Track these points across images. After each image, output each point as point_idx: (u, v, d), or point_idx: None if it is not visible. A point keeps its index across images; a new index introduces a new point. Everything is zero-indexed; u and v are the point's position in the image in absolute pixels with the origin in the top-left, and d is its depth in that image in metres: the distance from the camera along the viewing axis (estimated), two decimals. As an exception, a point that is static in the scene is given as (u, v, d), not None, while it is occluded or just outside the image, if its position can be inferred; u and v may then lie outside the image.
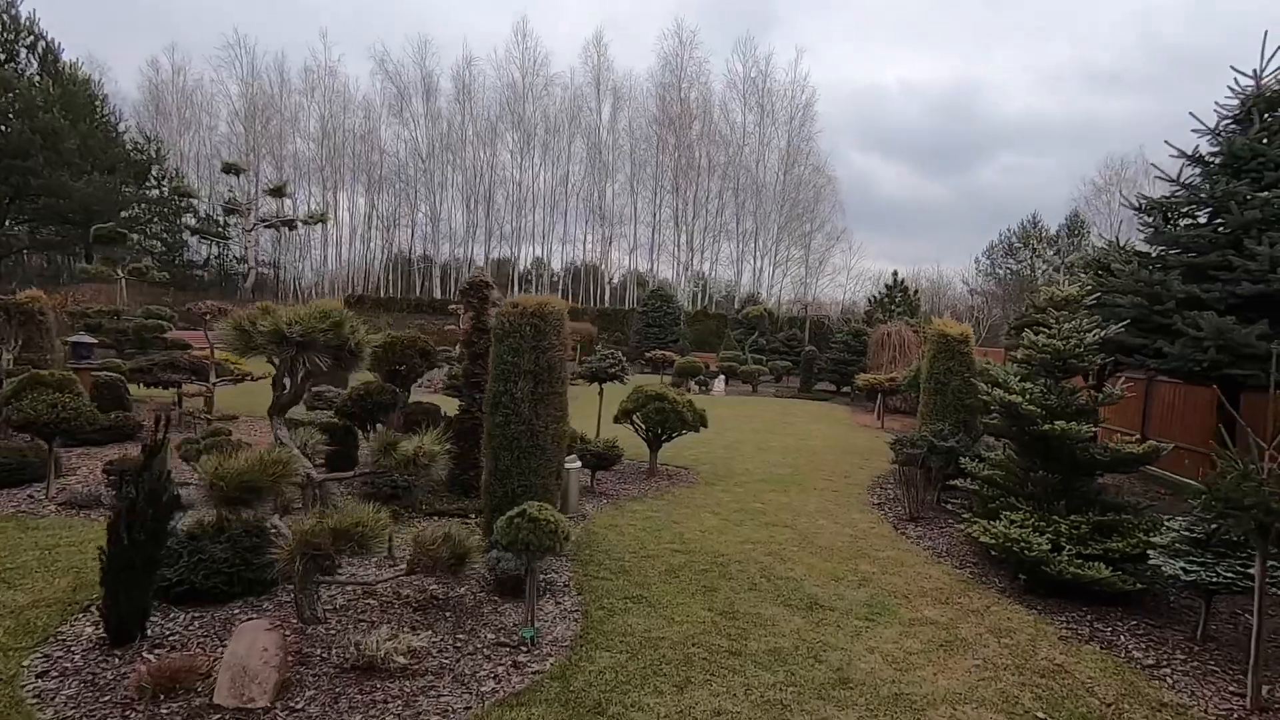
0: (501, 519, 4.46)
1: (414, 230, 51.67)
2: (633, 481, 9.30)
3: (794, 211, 45.85)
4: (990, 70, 69.37)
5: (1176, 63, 61.40)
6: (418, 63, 48.71)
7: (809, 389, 24.70)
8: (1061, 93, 67.41)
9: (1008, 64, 69.85)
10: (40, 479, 7.41)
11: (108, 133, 33.65)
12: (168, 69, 49.56)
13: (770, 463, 11.24)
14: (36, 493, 7.22)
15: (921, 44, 71.09)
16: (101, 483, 7.49)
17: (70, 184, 28.17)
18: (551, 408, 6.07)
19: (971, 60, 69.56)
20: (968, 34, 71.41)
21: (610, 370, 9.66)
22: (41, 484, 7.33)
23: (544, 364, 5.99)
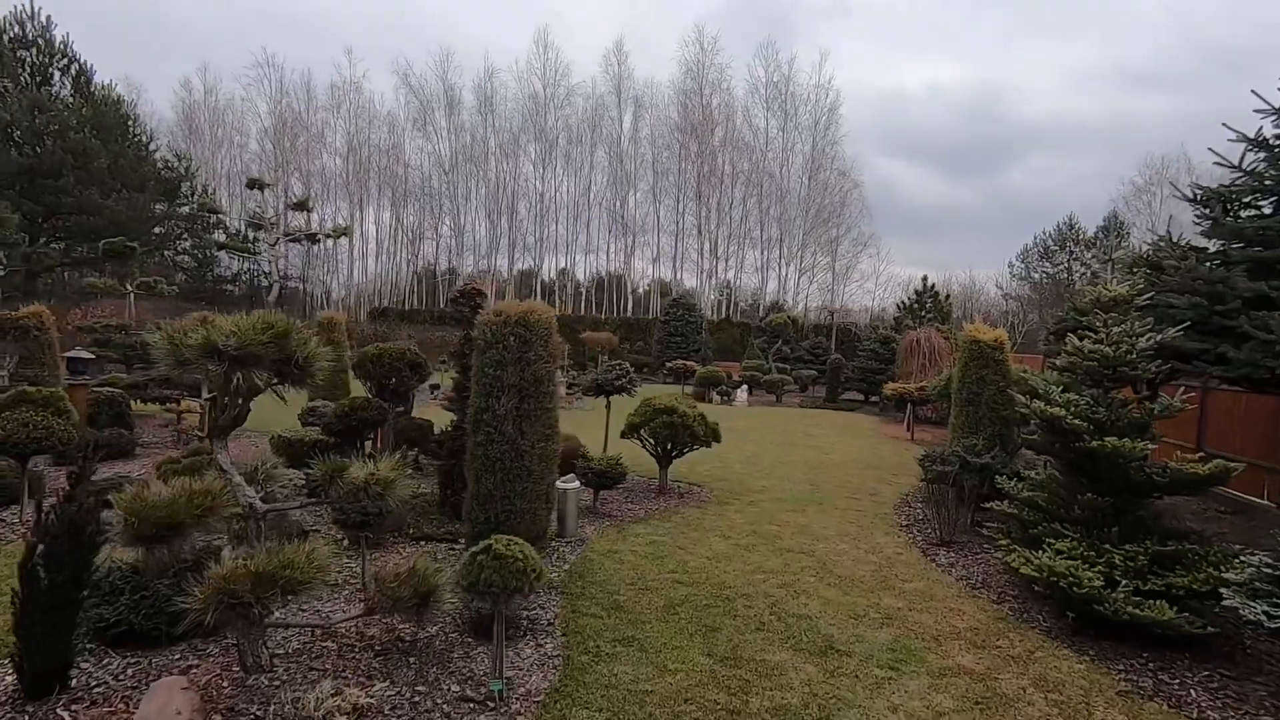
0: (465, 555, 3.94)
1: (438, 243, 52.02)
2: (640, 500, 8.72)
3: (819, 217, 44.95)
4: (1016, 71, 67.72)
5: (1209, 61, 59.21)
6: (440, 76, 49.12)
7: (835, 399, 23.86)
8: (1091, 93, 65.45)
9: (1034, 65, 68.11)
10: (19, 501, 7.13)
11: (139, 151, 34.30)
12: (199, 89, 50.77)
13: (790, 479, 10.57)
14: (10, 516, 6.91)
15: (944, 47, 69.64)
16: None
17: (100, 202, 28.67)
18: (539, 425, 5.55)
19: (996, 62, 67.92)
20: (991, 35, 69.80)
21: (617, 382, 9.12)
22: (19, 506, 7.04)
23: (529, 377, 5.48)
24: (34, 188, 27.87)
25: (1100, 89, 65.18)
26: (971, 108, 67.98)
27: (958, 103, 67.78)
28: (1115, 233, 54.42)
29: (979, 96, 67.81)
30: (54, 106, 29.24)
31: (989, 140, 69.08)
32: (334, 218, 49.43)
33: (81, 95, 31.60)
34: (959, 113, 68.32)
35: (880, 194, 66.06)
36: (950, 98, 67.58)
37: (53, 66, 31.01)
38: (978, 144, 69.37)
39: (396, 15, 65.13)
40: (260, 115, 50.58)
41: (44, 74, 30.62)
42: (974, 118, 68.09)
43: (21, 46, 30.22)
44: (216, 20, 62.29)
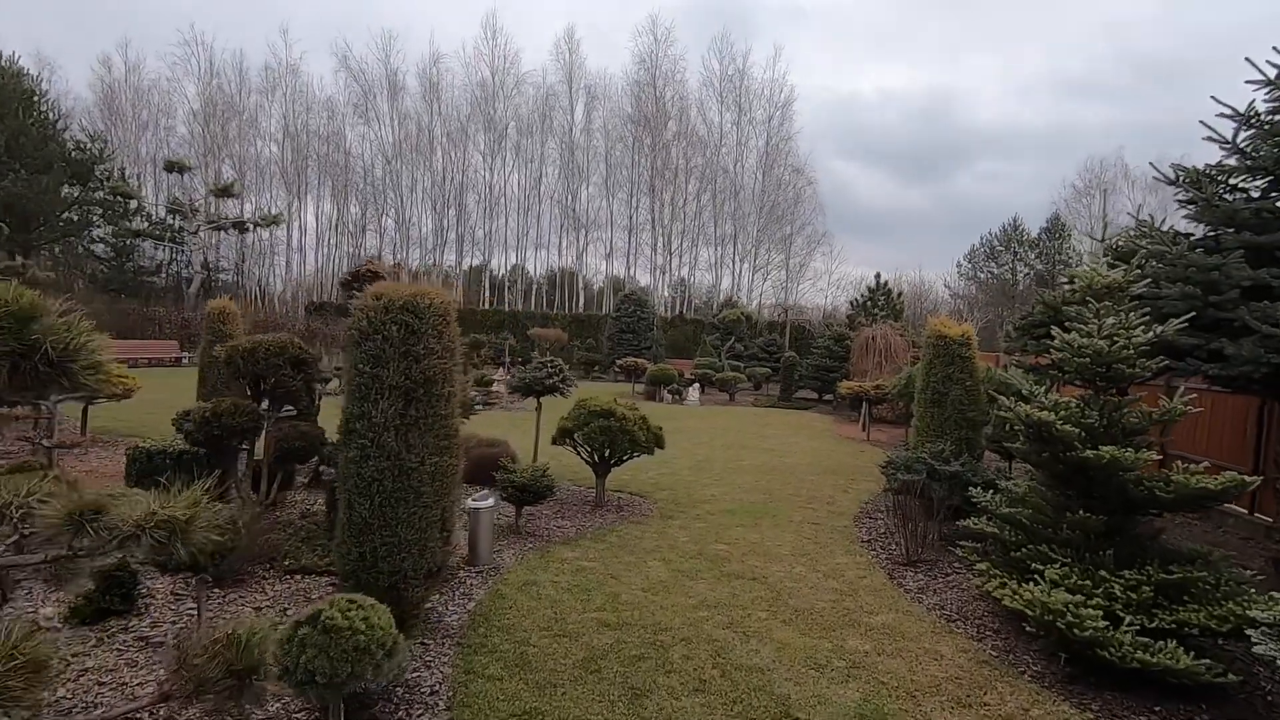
0: (284, 628, 2.86)
1: (381, 236, 49.82)
2: (572, 516, 7.68)
3: (774, 214, 44.56)
4: (963, 78, 69.04)
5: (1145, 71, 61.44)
6: (382, 60, 46.96)
7: (789, 397, 23.25)
8: (1034, 100, 67.32)
9: (980, 72, 69.57)
10: None
11: (44, 130, 31.49)
12: (120, 68, 47.36)
13: (741, 486, 9.68)
14: None
15: (896, 53, 70.52)
16: None
17: (-7, 182, 26.06)
18: (430, 435, 4.46)
19: (945, 69, 69.11)
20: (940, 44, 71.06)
21: (547, 381, 8.06)
22: None
23: (417, 376, 4.38)
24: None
25: (1042, 98, 67.04)
26: (923, 113, 68.98)
27: (910, 108, 68.69)
28: (1057, 235, 55.91)
29: (930, 102, 68.84)
30: (-59, 76, 26.43)
31: (940, 145, 70.27)
32: (271, 207, 46.80)
33: (-28, 65, 28.75)
34: (912, 117, 69.25)
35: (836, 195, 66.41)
36: (903, 103, 68.40)
37: (-59, 32, 28.06)
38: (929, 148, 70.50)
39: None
40: (188, 97, 47.50)
41: (-70, 40, 27.67)
42: (926, 122, 69.11)
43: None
44: (141, -6, 58.39)
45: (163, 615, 4.63)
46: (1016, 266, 60.48)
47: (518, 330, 34.70)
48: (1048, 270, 56.13)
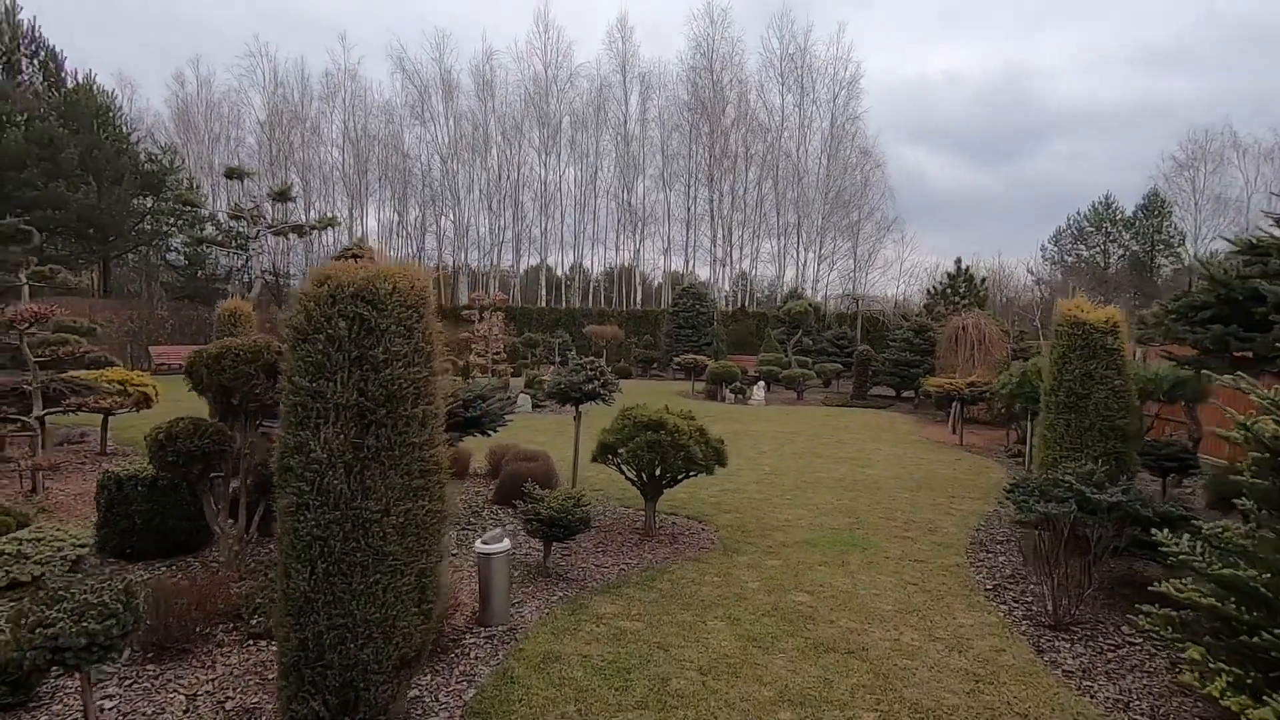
0: None
1: (440, 237, 49.94)
2: (615, 548, 6.35)
3: (840, 200, 42.13)
4: (1039, 55, 64.19)
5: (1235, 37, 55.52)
6: (436, 60, 46.89)
7: (864, 395, 21.31)
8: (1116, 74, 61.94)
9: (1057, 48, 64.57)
10: None
11: (118, 143, 32.51)
12: (193, 82, 49.03)
13: (820, 507, 8.14)
14: None
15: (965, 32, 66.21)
16: None
17: (67, 195, 26.83)
18: (398, 472, 3.21)
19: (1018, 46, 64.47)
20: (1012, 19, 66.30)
21: (586, 386, 6.76)
22: None
23: (376, 392, 3.13)
24: (-7, 182, 26.05)
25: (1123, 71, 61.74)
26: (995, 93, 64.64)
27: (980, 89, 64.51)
28: (1156, 213, 51.27)
29: (1002, 82, 64.45)
30: (18, 95, 27.41)
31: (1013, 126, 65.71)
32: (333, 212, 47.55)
33: (51, 83, 29.80)
34: (982, 99, 65.04)
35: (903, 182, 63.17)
36: (973, 84, 64.27)
37: (19, 53, 29.21)
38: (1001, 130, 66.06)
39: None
40: (255, 107, 48.81)
41: (9, 61, 28.82)
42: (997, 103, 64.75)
43: (-15, 32, 28.42)
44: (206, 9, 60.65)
45: (68, 709, 3.54)
46: (1109, 248, 55.88)
47: (574, 328, 33.75)
48: (1145, 251, 51.50)
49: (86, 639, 2.81)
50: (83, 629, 2.80)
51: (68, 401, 6.82)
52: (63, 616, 2.82)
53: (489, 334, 20.33)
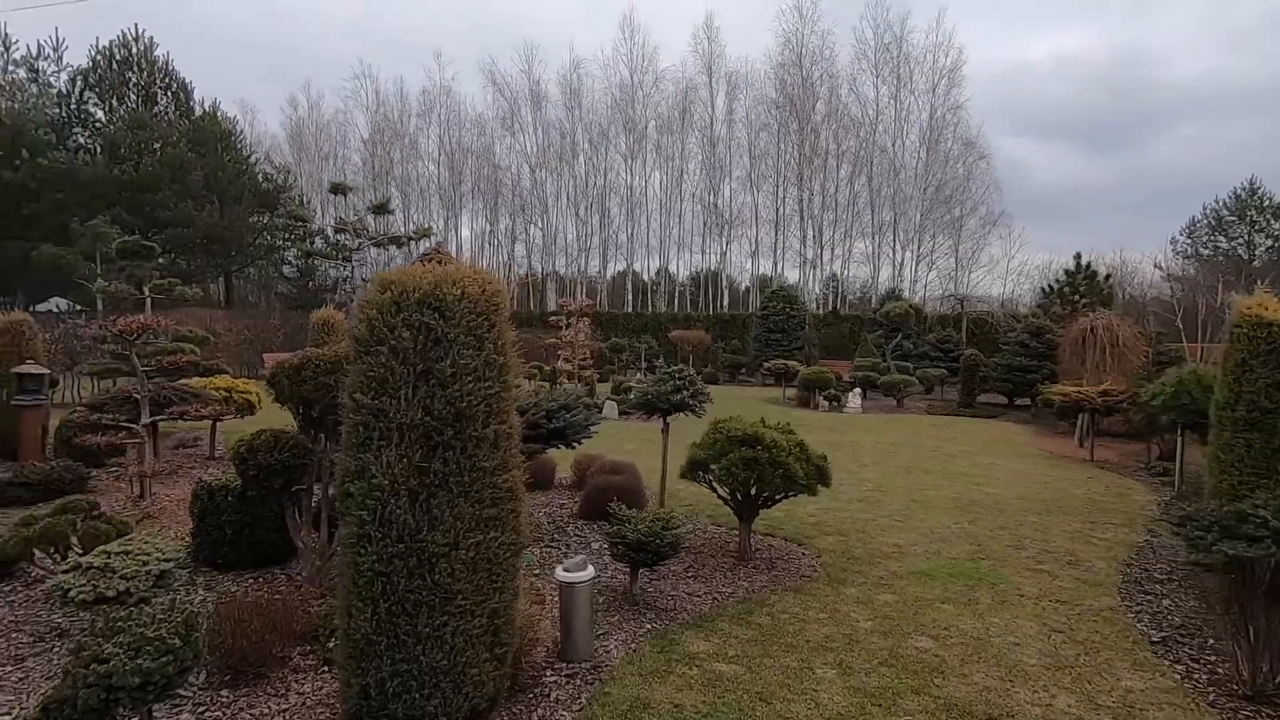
0: None
1: (529, 245, 51.03)
2: (707, 574, 5.84)
3: (940, 195, 39.76)
4: (1156, 33, 58.40)
5: None
6: (524, 72, 47.95)
7: (972, 403, 19.74)
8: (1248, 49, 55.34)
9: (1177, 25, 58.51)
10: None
11: (238, 165, 35.10)
12: (304, 105, 52.48)
13: (936, 531, 7.31)
14: None
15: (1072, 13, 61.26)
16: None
17: (194, 214, 29.09)
18: (468, 500, 2.85)
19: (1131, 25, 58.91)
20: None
21: (674, 397, 6.30)
22: None
23: (443, 411, 2.79)
24: (135, 202, 28.62)
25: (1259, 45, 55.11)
26: (1107, 77, 59.43)
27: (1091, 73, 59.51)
28: (1313, 196, 45.60)
29: (1115, 65, 59.21)
30: (155, 124, 30.04)
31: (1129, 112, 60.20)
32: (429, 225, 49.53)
33: (181, 112, 32.49)
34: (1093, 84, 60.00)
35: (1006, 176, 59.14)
36: (1082, 69, 59.39)
37: (156, 86, 32.03)
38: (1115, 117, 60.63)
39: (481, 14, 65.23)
40: (359, 126, 51.64)
41: (148, 93, 31.65)
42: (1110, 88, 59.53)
43: (128, 68, 31.36)
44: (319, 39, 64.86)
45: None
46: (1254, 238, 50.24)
47: (660, 333, 33.43)
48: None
49: (141, 678, 2.60)
50: (137, 667, 2.59)
51: (171, 410, 7.03)
52: (118, 652, 2.62)
53: (575, 340, 20.28)
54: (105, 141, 29.53)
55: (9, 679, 3.91)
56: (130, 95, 31.22)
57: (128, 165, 28.59)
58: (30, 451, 7.86)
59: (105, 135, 29.86)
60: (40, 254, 24.59)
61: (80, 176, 27.54)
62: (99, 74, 30.61)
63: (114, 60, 30.83)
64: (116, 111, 30.11)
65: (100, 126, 30.61)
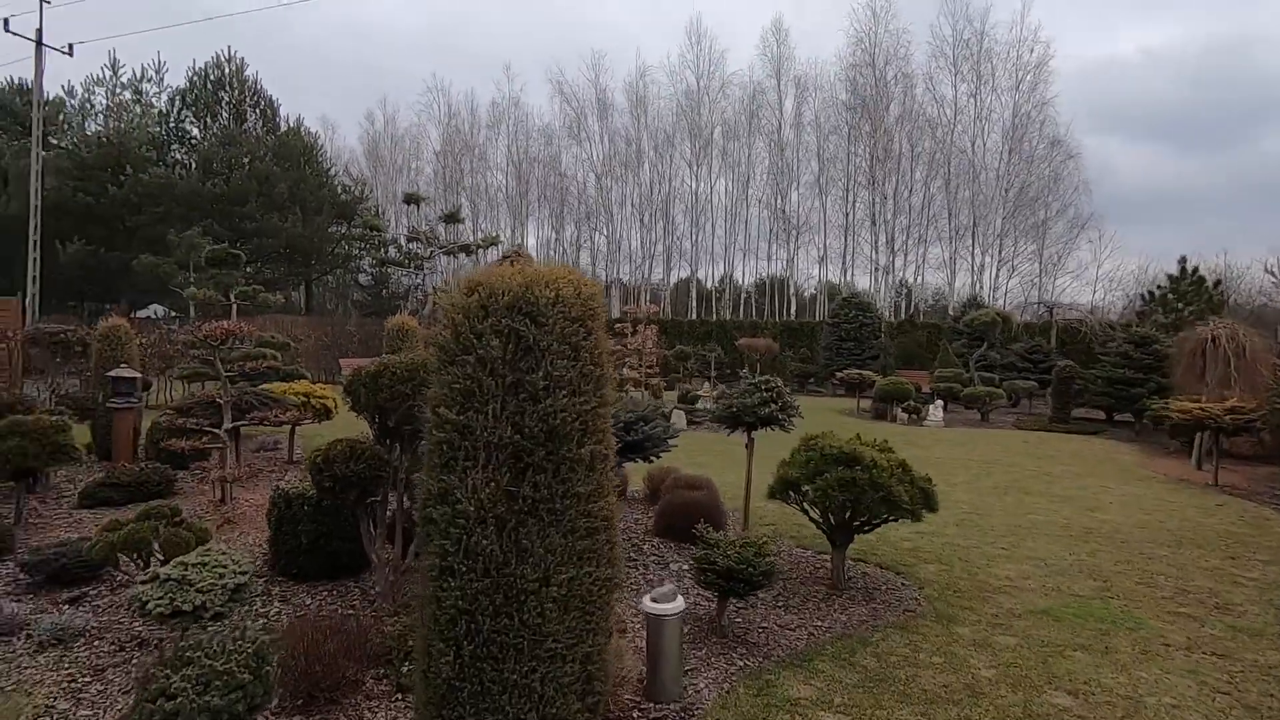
0: None
1: (594, 253, 51.32)
2: (799, 604, 5.36)
3: (1023, 197, 37.70)
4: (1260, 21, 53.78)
5: None
6: (591, 81, 48.31)
7: (1066, 418, 18.39)
8: None
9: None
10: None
11: (319, 178, 36.61)
12: (380, 120, 54.52)
13: (1049, 563, 6.59)
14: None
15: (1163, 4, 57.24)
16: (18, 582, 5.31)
17: (279, 225, 30.40)
18: (559, 530, 2.52)
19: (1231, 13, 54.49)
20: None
21: (761, 410, 5.86)
22: None
23: (535, 428, 2.47)
24: (226, 213, 30.16)
25: None
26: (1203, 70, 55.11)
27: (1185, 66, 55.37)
28: None
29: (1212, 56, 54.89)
30: (244, 139, 31.63)
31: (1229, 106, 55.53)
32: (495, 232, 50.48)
33: (268, 128, 34.11)
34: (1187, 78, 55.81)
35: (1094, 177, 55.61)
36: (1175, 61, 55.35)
37: (246, 104, 33.75)
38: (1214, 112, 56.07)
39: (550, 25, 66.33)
40: (431, 139, 53.21)
41: (238, 110, 33.39)
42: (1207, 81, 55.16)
43: (220, 87, 33.18)
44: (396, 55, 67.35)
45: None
46: (1386, 239, 45.69)
47: (725, 341, 32.82)
48: None
49: (209, 716, 2.37)
50: (205, 704, 2.37)
51: (252, 415, 7.06)
52: (186, 686, 2.41)
53: (642, 347, 19.99)
54: (200, 157, 31.29)
55: (88, 691, 3.83)
56: (222, 113, 33.01)
57: (219, 179, 30.16)
58: (123, 453, 8.09)
59: (200, 151, 31.63)
60: (140, 263, 26.14)
61: (177, 190, 29.22)
62: (195, 94, 32.49)
63: (208, 80, 32.67)
64: (210, 128, 31.88)
65: (195, 143, 32.45)
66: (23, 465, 6.27)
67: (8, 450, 6.23)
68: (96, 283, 30.93)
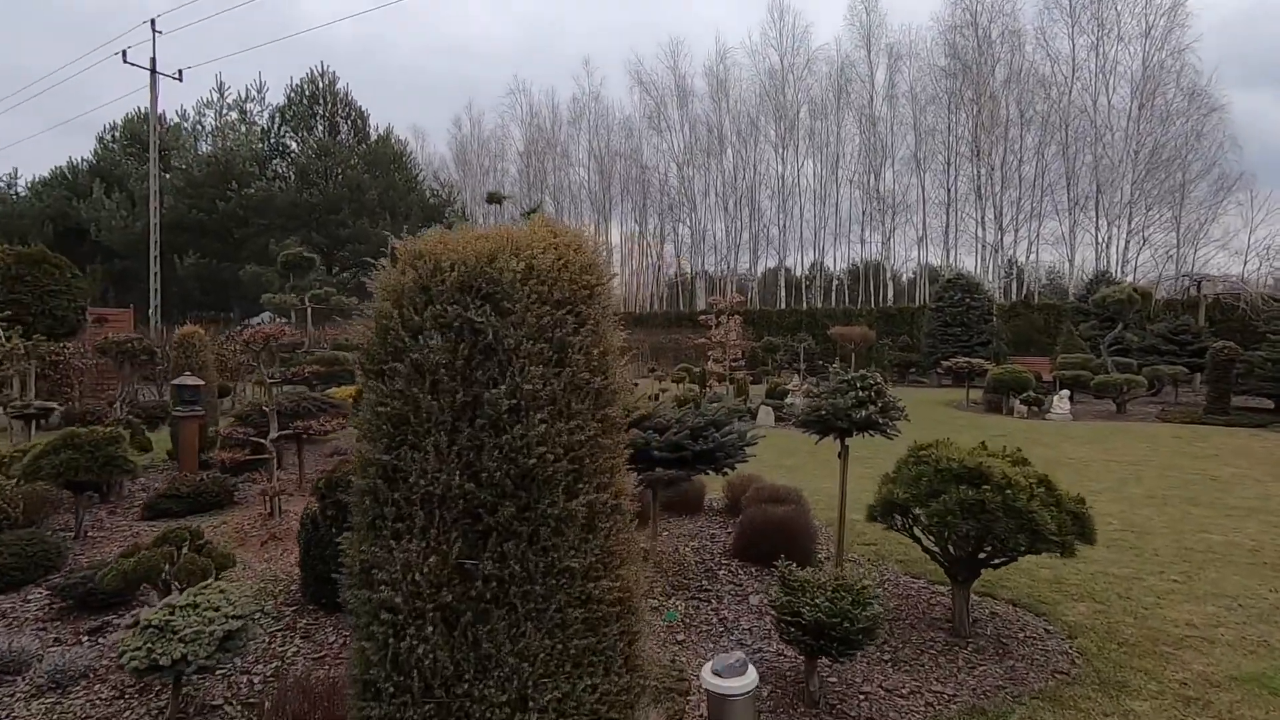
0: None
1: (677, 243, 50.43)
2: (910, 655, 4.26)
3: (1156, 159, 33.49)
4: None
5: None
6: (670, 68, 47.34)
7: (1225, 409, 15.77)
8: None
9: None
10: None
11: (409, 184, 37.68)
12: (467, 125, 55.87)
13: (1243, 602, 5.12)
14: None
15: None
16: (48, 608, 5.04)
17: (370, 230, 31.39)
18: (539, 627, 1.64)
19: None
20: None
21: (856, 414, 4.77)
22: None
23: (498, 469, 1.59)
24: (322, 222, 31.44)
25: None
26: None
27: None
28: None
29: None
30: (337, 150, 32.88)
31: None
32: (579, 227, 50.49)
33: (359, 138, 35.34)
34: None
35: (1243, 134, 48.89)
36: None
37: (338, 116, 35.10)
38: None
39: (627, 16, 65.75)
40: (515, 139, 53.98)
41: (332, 122, 34.77)
42: None
43: (316, 102, 34.65)
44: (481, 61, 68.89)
45: None
46: None
47: (816, 330, 31.09)
48: None
49: None
50: None
51: (296, 425, 6.66)
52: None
53: (726, 339, 18.92)
54: (297, 169, 32.78)
55: (66, 753, 3.34)
56: (318, 126, 34.46)
57: (315, 190, 31.45)
58: (187, 462, 7.98)
59: (297, 163, 33.14)
60: (246, 273, 27.59)
61: (277, 202, 30.70)
62: (293, 109, 34.06)
63: (304, 95, 34.18)
64: (306, 141, 33.33)
65: (294, 156, 34.04)
66: (73, 478, 6.10)
67: (59, 464, 6.09)
68: (212, 293, 33.08)
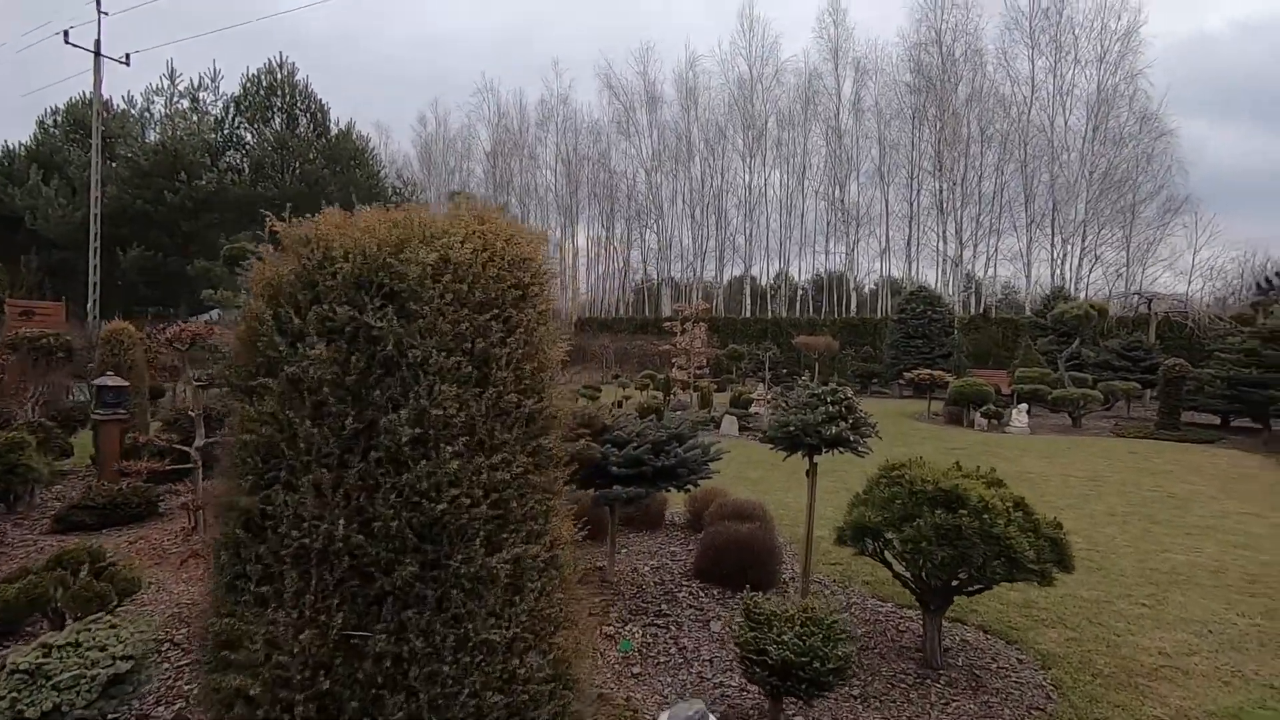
0: None
1: (644, 250, 50.27)
2: (879, 690, 3.99)
3: (1109, 179, 34.58)
4: None
5: None
6: (640, 73, 47.32)
7: (1175, 424, 16.13)
8: None
9: None
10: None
11: (371, 181, 36.67)
12: (433, 123, 54.88)
13: (1213, 628, 5.00)
14: None
15: None
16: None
17: (327, 227, 30.42)
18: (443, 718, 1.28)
19: None
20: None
21: (826, 430, 4.50)
22: None
23: (402, 512, 1.23)
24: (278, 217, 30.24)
25: None
26: None
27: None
28: None
29: None
30: (295, 144, 31.81)
31: None
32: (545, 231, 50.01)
33: (319, 132, 34.29)
34: None
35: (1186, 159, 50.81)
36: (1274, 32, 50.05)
37: (297, 109, 33.99)
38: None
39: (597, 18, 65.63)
40: (481, 140, 53.23)
41: (290, 115, 33.64)
42: None
43: (273, 93, 33.49)
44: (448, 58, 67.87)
45: None
46: None
47: (781, 339, 31.18)
48: None
49: None
50: None
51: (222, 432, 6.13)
52: None
53: (691, 347, 18.71)
54: (251, 162, 31.63)
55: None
56: (275, 118, 33.30)
57: (270, 184, 30.35)
58: (107, 470, 7.34)
59: (252, 156, 31.98)
60: (195, 268, 26.37)
61: (230, 195, 29.52)
62: (248, 100, 32.86)
63: (261, 86, 33.01)
64: (263, 134, 32.18)
65: (249, 149, 32.84)
66: (-35, 490, 5.48)
67: (-50, 473, 5.46)
68: (158, 288, 31.62)
